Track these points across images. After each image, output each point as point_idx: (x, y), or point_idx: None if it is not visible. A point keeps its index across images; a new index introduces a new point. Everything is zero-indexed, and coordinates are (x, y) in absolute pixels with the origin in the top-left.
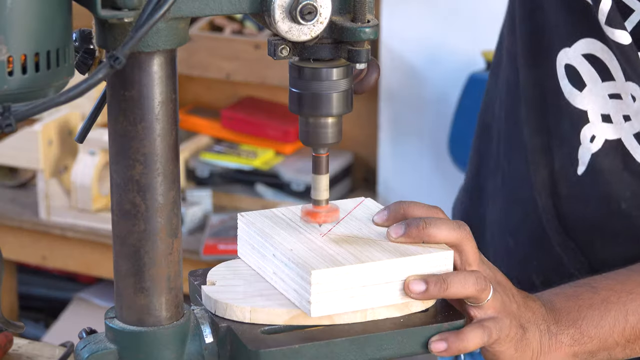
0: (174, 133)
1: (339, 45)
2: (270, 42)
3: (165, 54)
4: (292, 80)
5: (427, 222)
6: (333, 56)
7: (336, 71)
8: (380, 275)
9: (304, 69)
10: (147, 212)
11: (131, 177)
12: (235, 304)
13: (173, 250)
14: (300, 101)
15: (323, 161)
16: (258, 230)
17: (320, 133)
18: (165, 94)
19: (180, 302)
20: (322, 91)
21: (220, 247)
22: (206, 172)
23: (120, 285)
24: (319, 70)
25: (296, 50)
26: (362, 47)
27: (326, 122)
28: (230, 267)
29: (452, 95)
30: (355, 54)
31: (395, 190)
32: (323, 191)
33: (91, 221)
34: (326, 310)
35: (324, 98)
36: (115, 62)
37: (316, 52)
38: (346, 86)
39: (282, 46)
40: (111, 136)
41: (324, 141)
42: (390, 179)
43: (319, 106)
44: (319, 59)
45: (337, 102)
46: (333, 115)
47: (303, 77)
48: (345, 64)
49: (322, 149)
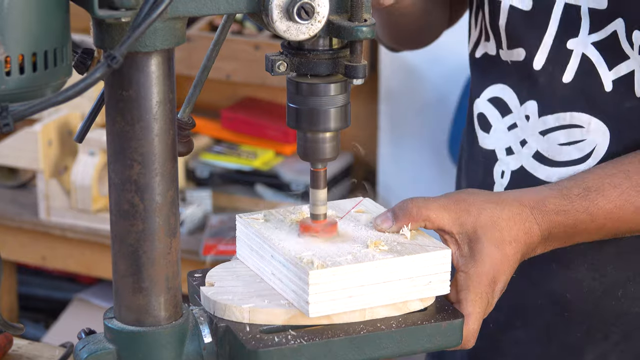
0: (172, 132)
1: (336, 61)
2: (267, 58)
3: (163, 53)
4: (290, 95)
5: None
6: (330, 72)
7: (334, 87)
8: (378, 275)
9: (302, 85)
10: (145, 212)
11: (129, 177)
12: (234, 304)
13: (171, 250)
14: (298, 116)
15: (321, 176)
16: (256, 231)
17: (318, 148)
18: (162, 94)
19: (179, 302)
20: (320, 106)
21: (220, 248)
22: (206, 173)
23: (119, 285)
24: (316, 86)
25: (294, 65)
26: (359, 62)
27: (324, 137)
28: (229, 268)
29: (452, 95)
30: (352, 69)
31: (395, 191)
32: (321, 206)
33: (91, 222)
34: (324, 310)
35: (321, 113)
36: (113, 62)
37: (314, 67)
38: (344, 101)
39: (279, 62)
40: (109, 136)
41: (322, 156)
42: (389, 180)
43: (317, 121)
44: (317, 74)
45: (334, 117)
46: (331, 130)
47: (301, 92)
48: (343, 80)
49: (320, 164)
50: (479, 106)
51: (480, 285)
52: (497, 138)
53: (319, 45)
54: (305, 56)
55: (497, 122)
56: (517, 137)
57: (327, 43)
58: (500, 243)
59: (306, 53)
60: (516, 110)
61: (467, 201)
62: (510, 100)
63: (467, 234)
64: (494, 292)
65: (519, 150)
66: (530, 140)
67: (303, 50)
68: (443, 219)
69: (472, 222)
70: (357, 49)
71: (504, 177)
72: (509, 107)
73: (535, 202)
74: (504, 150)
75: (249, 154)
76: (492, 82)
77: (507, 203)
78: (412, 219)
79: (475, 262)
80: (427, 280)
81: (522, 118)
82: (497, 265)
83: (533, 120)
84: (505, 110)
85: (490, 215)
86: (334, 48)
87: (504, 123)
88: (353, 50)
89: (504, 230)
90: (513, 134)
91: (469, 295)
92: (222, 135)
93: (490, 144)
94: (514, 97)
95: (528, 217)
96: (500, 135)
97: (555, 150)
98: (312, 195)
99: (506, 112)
